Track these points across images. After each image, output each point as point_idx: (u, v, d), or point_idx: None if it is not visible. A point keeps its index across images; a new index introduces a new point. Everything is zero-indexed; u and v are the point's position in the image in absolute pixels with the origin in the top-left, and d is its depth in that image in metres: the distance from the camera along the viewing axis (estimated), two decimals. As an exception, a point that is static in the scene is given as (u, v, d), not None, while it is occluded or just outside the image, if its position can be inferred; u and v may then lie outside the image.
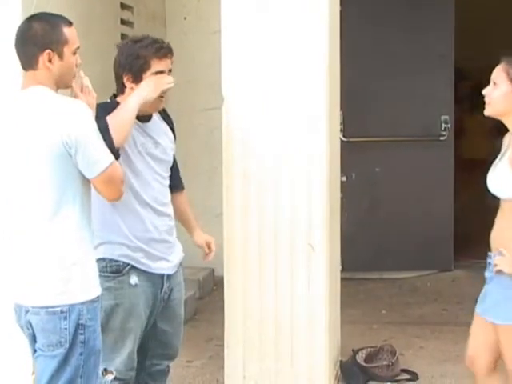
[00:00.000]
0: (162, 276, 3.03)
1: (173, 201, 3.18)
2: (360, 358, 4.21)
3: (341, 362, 4.09)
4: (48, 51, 2.51)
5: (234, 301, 3.62)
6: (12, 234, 2.59)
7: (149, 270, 2.98)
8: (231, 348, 3.66)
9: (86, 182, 2.52)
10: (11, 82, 3.57)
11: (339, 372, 4.04)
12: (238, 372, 3.65)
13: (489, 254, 2.97)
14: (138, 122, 2.97)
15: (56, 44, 2.53)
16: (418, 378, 4.12)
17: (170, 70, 3.01)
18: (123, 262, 2.94)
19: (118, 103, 2.96)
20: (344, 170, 4.63)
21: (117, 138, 2.73)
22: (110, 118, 2.79)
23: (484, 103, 2.96)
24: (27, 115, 2.50)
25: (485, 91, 2.95)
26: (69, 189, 2.49)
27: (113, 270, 2.93)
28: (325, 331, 3.60)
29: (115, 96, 3.05)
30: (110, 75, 3.09)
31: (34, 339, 2.56)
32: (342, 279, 4.28)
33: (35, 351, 2.57)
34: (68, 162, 2.46)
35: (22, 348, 3.27)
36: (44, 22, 2.56)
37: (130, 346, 2.97)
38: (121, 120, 2.83)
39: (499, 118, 2.95)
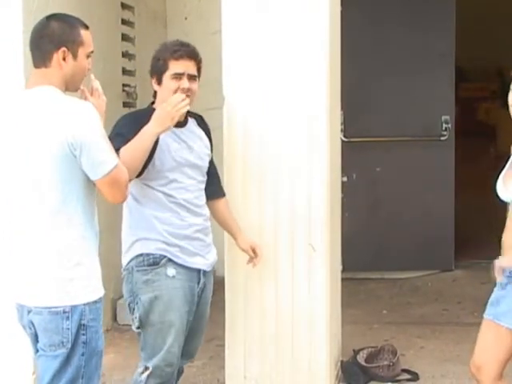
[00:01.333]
0: (198, 271, 3.08)
1: (213, 207, 3.25)
2: (361, 358, 4.20)
3: (341, 362, 4.09)
4: (63, 49, 2.53)
5: (235, 301, 3.62)
6: (12, 234, 2.59)
7: (185, 264, 3.02)
8: (232, 348, 3.67)
9: (91, 183, 2.52)
10: (13, 81, 3.58)
11: (340, 372, 4.04)
12: (238, 372, 3.66)
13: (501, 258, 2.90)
14: (172, 128, 2.99)
15: (72, 43, 2.55)
16: (418, 378, 4.12)
17: (195, 75, 3.03)
18: (160, 255, 2.99)
19: (154, 110, 2.98)
20: (345, 170, 4.63)
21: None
22: (122, 151, 2.80)
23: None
24: (32, 114, 2.49)
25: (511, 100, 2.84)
26: (73, 190, 2.49)
27: (150, 263, 2.98)
28: (325, 331, 3.60)
29: (153, 103, 3.09)
30: (110, 75, 3.10)
31: (36, 339, 2.57)
32: (343, 279, 4.28)
33: (37, 351, 2.58)
34: (72, 163, 2.46)
35: (23, 348, 3.28)
36: (62, 21, 2.59)
37: (170, 341, 2.99)
38: (132, 155, 2.82)
39: None
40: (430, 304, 5.40)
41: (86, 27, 2.63)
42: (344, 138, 5.41)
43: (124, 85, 5.24)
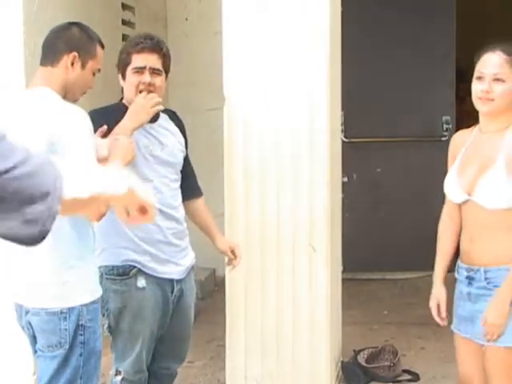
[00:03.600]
0: (171, 280, 2.99)
1: (191, 207, 3.15)
2: (361, 358, 4.21)
3: (342, 362, 4.09)
4: (75, 54, 2.55)
5: (236, 301, 3.62)
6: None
7: (155, 275, 2.93)
8: (233, 348, 3.66)
9: None
10: (12, 81, 3.58)
11: (340, 372, 4.04)
12: (239, 372, 3.65)
13: (472, 267, 2.72)
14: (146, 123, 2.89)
15: (85, 53, 2.57)
16: (419, 379, 4.12)
17: (158, 69, 2.89)
18: (129, 265, 2.89)
19: (123, 105, 2.91)
20: (345, 170, 4.63)
21: None
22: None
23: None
24: (29, 115, 2.49)
25: (488, 88, 2.66)
26: None
27: (119, 273, 2.89)
28: (326, 332, 3.60)
29: (122, 99, 3.01)
30: (111, 75, 3.09)
31: (34, 340, 2.57)
32: (343, 280, 4.28)
33: (36, 351, 2.58)
34: None
35: (23, 348, 3.28)
36: (83, 31, 2.62)
37: (138, 349, 2.94)
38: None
39: (494, 116, 2.71)
40: (430, 304, 5.40)
41: (102, 46, 2.65)
42: (344, 139, 5.42)
43: (125, 85, 5.24)
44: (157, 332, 3.01)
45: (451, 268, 2.93)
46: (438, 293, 2.88)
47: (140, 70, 2.88)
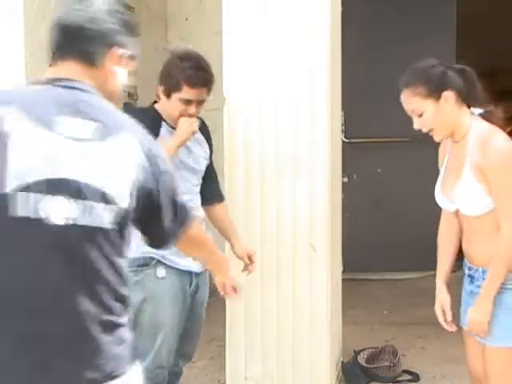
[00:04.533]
0: (190, 272, 3.06)
1: (211, 211, 3.22)
2: (361, 358, 4.21)
3: (342, 362, 4.09)
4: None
5: (236, 301, 3.62)
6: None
7: (175, 266, 3.00)
8: (233, 349, 3.67)
9: None
10: (13, 82, 3.58)
11: (340, 373, 4.04)
12: (239, 372, 3.66)
13: (472, 266, 2.74)
14: (173, 130, 3.00)
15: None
16: (419, 379, 4.12)
17: (203, 101, 3.01)
18: (149, 257, 2.97)
19: (155, 111, 3.00)
20: (345, 170, 4.63)
21: None
22: None
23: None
24: None
25: (417, 126, 2.79)
26: None
27: (140, 264, 2.96)
28: (326, 332, 3.60)
29: (154, 102, 3.08)
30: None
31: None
32: (344, 280, 4.28)
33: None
34: None
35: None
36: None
37: (158, 343, 2.98)
38: None
39: (450, 135, 2.77)
40: (431, 304, 5.32)
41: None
42: (345, 139, 5.41)
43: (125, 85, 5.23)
44: (177, 329, 3.03)
45: (457, 268, 2.95)
46: (442, 298, 2.91)
47: (188, 102, 2.97)
